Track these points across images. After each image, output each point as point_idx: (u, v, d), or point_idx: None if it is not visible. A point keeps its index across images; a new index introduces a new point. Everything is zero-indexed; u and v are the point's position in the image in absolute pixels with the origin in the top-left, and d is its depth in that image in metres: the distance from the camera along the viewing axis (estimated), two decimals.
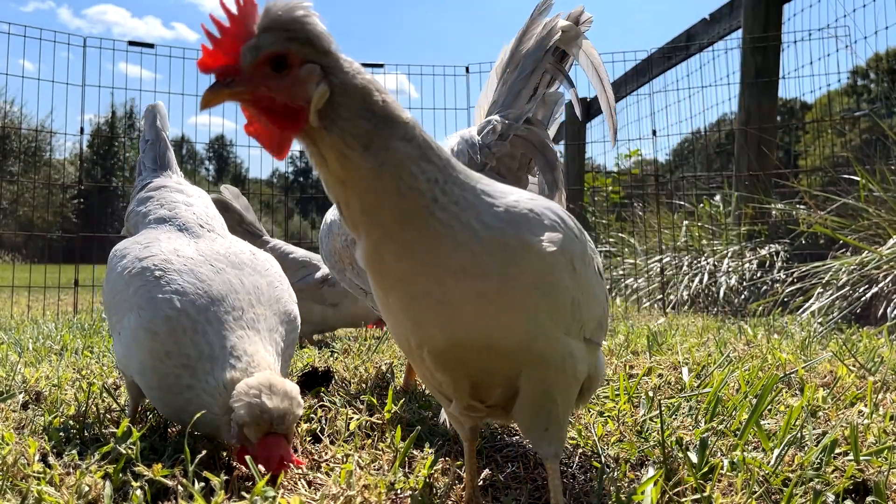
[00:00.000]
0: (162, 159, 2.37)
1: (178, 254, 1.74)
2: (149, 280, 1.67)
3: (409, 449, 1.53)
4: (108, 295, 1.85)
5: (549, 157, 1.99)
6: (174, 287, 1.64)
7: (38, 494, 1.31)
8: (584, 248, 1.24)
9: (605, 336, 1.43)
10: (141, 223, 2.10)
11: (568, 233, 1.17)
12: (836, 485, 1.37)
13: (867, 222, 4.74)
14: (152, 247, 1.80)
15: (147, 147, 2.40)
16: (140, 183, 2.30)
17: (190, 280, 1.65)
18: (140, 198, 2.20)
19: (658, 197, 7.82)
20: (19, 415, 1.95)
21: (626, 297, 6.92)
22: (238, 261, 1.76)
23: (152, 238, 1.89)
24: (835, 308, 4.26)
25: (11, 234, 15.35)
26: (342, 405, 2.08)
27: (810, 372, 2.55)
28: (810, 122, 9.13)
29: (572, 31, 2.06)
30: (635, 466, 1.60)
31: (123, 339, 1.69)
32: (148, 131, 2.44)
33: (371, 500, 1.31)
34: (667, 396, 2.16)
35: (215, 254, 1.76)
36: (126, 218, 2.26)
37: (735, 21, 6.64)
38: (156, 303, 1.61)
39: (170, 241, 1.84)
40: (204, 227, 2.03)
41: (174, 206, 2.11)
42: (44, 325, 4.74)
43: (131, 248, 1.85)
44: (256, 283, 1.71)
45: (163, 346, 1.57)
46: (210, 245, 1.83)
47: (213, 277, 1.67)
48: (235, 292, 1.64)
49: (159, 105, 2.49)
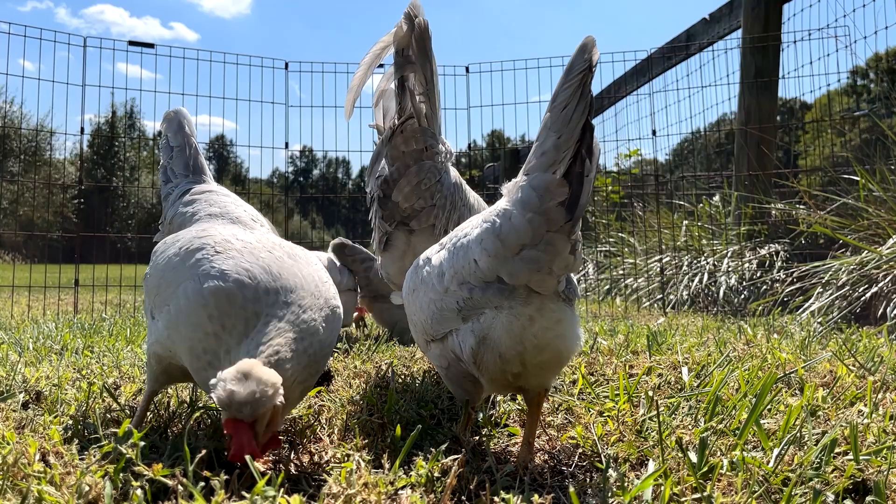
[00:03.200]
0: (195, 165, 2.39)
1: (237, 238, 1.72)
2: (209, 254, 1.64)
3: (409, 448, 1.53)
4: (156, 275, 1.78)
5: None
6: (238, 261, 1.60)
7: (39, 494, 1.31)
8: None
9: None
10: (188, 222, 2.10)
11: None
12: (835, 484, 1.37)
13: (867, 222, 4.74)
14: (210, 230, 1.79)
15: (175, 153, 2.40)
16: (179, 189, 2.31)
17: (251, 259, 1.62)
18: (185, 201, 2.22)
19: (658, 197, 7.82)
20: (19, 414, 1.95)
21: (625, 297, 6.92)
22: (293, 252, 1.74)
23: (207, 226, 1.88)
24: (834, 308, 4.26)
25: (12, 234, 15.36)
26: (342, 405, 2.08)
27: (810, 372, 2.55)
28: (810, 121, 9.13)
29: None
30: (635, 466, 1.60)
31: (173, 310, 1.62)
32: (174, 137, 2.42)
33: (371, 500, 1.31)
34: (666, 396, 2.17)
35: (271, 243, 1.74)
36: (168, 221, 2.24)
37: (735, 21, 6.64)
38: (220, 271, 1.57)
39: (226, 228, 1.84)
40: (256, 222, 2.07)
41: (224, 205, 2.14)
42: (44, 325, 4.74)
43: (185, 234, 1.82)
44: (311, 274, 1.69)
45: (219, 313, 1.52)
46: (266, 235, 1.83)
47: (274, 262, 1.63)
48: (296, 276, 1.62)
49: (183, 111, 2.47)
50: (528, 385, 1.63)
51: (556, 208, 1.45)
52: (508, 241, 1.49)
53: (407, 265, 2.46)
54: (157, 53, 7.01)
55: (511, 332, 1.52)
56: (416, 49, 2.46)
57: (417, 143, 2.49)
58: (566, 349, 1.57)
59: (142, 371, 2.63)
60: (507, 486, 1.46)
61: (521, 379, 1.60)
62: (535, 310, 1.52)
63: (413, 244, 2.51)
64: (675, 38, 7.47)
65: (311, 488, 1.44)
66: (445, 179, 2.52)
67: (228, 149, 56.28)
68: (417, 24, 2.45)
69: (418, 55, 2.46)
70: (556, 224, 1.46)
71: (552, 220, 1.46)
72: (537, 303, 1.52)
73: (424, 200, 2.47)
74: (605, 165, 10.98)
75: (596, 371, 2.64)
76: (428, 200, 2.47)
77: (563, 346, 1.56)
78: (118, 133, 39.71)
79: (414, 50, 2.46)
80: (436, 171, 2.49)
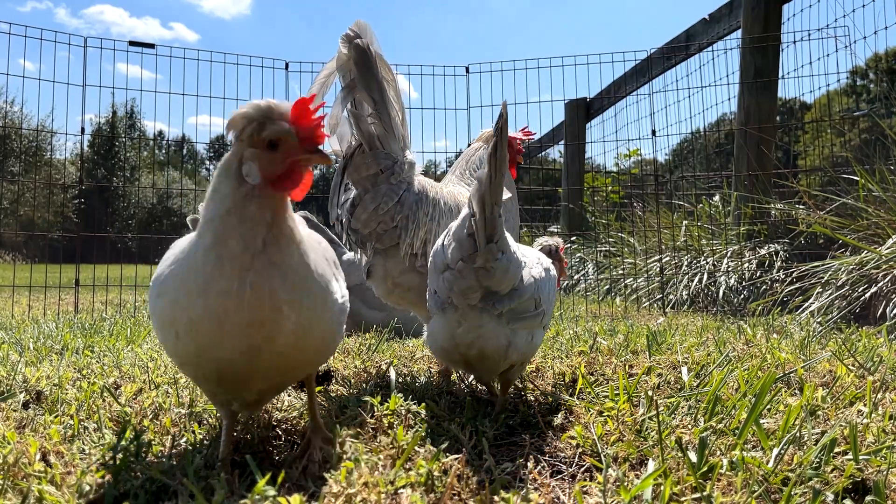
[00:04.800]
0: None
1: None
2: None
3: (409, 448, 1.53)
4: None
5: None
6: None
7: (39, 494, 1.31)
8: None
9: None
10: None
11: None
12: (835, 484, 1.37)
13: (866, 222, 4.75)
14: None
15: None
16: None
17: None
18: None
19: (658, 197, 7.83)
20: (20, 414, 1.96)
21: (625, 297, 6.93)
22: (318, 238, 1.71)
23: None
24: (834, 308, 4.26)
25: (12, 234, 15.37)
26: (342, 404, 2.09)
27: (809, 371, 2.55)
28: (809, 122, 9.13)
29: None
30: (635, 466, 1.60)
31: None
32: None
33: (371, 499, 1.31)
34: (666, 396, 2.17)
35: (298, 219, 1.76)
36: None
37: (734, 21, 6.64)
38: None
39: None
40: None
41: None
42: (44, 325, 4.74)
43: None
44: (332, 259, 1.69)
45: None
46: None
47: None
48: (325, 260, 1.60)
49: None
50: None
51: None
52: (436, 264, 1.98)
53: (389, 287, 2.59)
54: (157, 54, 7.02)
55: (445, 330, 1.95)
56: (359, 72, 2.49)
57: (369, 168, 2.51)
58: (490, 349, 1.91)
59: (142, 370, 2.63)
60: (506, 486, 1.46)
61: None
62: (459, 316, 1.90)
63: (387, 267, 2.55)
64: (674, 39, 7.48)
65: (311, 488, 1.44)
66: (406, 198, 2.53)
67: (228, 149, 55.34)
68: (355, 46, 2.48)
69: (361, 78, 2.48)
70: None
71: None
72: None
73: (385, 224, 2.50)
74: (606, 165, 10.98)
75: (596, 371, 2.64)
76: (389, 223, 2.50)
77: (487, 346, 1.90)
78: (118, 133, 39.75)
79: (356, 74, 2.49)
80: (392, 194, 2.51)
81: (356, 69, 2.49)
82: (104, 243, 8.54)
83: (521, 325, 1.93)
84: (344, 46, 2.49)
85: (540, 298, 1.97)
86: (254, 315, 1.35)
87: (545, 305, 2.00)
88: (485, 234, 1.79)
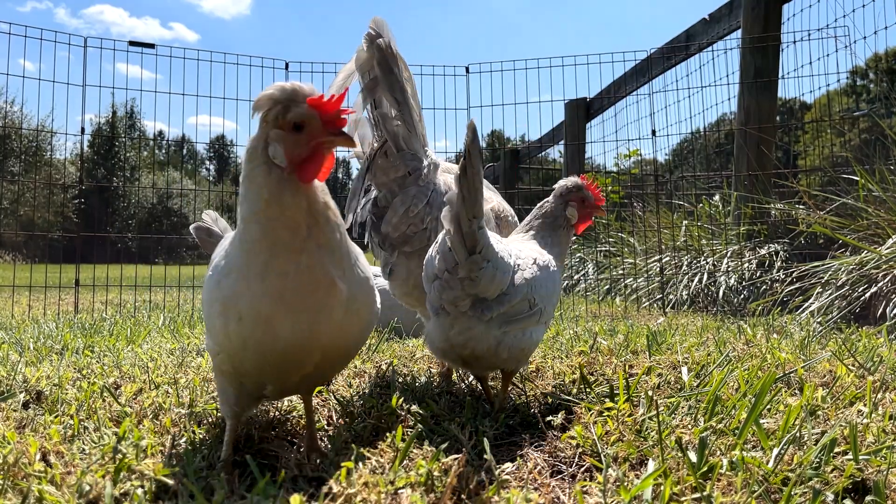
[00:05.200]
0: None
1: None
2: None
3: (409, 448, 1.53)
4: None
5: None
6: None
7: (39, 494, 1.31)
8: None
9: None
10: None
11: None
12: (835, 484, 1.37)
13: (866, 222, 4.74)
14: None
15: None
16: None
17: None
18: None
19: (657, 197, 7.83)
20: (20, 414, 1.96)
21: (625, 297, 6.93)
22: (358, 250, 1.74)
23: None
24: (834, 308, 4.26)
25: (12, 234, 15.36)
26: (342, 404, 2.09)
27: (809, 371, 2.55)
28: (809, 122, 9.13)
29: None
30: (635, 466, 1.60)
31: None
32: None
33: (371, 499, 1.31)
34: (666, 396, 2.17)
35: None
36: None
37: (734, 21, 6.64)
38: None
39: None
40: None
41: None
42: (45, 325, 4.74)
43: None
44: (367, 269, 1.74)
45: None
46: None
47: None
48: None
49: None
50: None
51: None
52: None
53: (409, 288, 2.50)
54: (157, 54, 7.02)
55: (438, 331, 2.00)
56: (381, 72, 2.40)
57: (398, 170, 2.44)
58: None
59: (142, 370, 2.63)
60: (506, 486, 1.46)
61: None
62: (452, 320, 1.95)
63: (410, 268, 2.46)
64: (674, 39, 7.47)
65: (311, 488, 1.44)
66: (434, 199, 2.44)
67: (229, 149, 55.61)
68: (378, 47, 2.39)
69: (384, 78, 2.40)
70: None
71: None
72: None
73: (415, 226, 2.42)
74: (606, 165, 10.98)
75: (596, 371, 2.64)
76: (419, 225, 2.42)
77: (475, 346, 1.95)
78: (118, 133, 39.74)
79: (378, 73, 2.40)
80: (422, 195, 2.43)
81: (379, 69, 2.40)
82: (104, 243, 8.54)
83: (515, 326, 1.95)
84: (367, 46, 2.40)
85: (535, 299, 1.97)
86: (312, 290, 1.45)
87: (542, 304, 2.00)
88: (465, 248, 1.84)
